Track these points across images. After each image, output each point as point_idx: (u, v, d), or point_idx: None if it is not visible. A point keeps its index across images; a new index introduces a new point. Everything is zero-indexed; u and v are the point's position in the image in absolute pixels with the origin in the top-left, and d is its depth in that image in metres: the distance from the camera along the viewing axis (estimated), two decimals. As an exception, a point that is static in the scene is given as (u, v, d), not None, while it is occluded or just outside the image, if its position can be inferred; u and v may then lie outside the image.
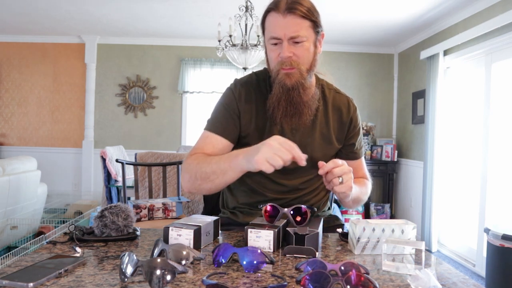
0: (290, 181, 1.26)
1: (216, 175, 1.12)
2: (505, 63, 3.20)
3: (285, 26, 1.12)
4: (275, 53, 1.16)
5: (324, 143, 1.27)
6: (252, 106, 1.25)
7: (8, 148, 5.27)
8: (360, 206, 1.37)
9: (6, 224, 3.19)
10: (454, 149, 3.97)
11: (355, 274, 0.71)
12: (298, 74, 1.15)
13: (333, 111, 1.29)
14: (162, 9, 4.04)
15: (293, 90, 1.16)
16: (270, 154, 0.96)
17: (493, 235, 2.35)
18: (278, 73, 1.16)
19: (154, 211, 1.89)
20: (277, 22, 1.13)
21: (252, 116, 1.24)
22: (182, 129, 5.30)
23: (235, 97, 1.25)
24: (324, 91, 1.30)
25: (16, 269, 0.78)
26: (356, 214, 4.83)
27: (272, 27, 1.15)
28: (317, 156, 1.24)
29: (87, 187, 5.17)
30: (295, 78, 1.15)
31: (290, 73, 1.15)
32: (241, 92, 1.25)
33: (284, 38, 1.13)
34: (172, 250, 0.85)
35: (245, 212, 1.29)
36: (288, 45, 1.13)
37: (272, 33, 1.14)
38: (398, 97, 5.27)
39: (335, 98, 1.30)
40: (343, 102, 1.31)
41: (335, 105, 1.29)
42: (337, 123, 1.29)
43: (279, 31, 1.13)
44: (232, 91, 1.26)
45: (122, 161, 2.54)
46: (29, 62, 5.26)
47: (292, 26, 1.12)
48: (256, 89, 1.27)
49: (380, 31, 4.55)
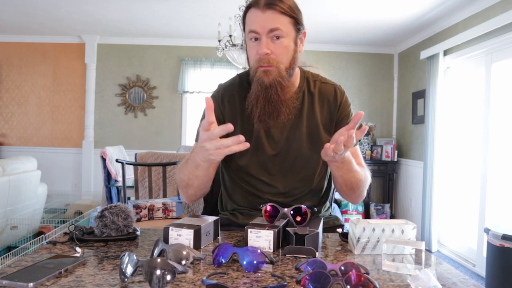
0: (284, 182, 1.24)
1: (192, 179, 1.17)
2: (505, 63, 3.20)
3: (264, 20, 1.11)
4: (253, 50, 1.15)
5: (311, 138, 1.24)
6: (236, 109, 1.25)
7: (8, 148, 5.27)
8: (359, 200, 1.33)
9: (6, 224, 3.19)
10: (454, 149, 3.97)
11: (355, 274, 0.71)
12: (276, 72, 1.14)
13: (320, 102, 1.26)
14: (162, 9, 4.04)
15: (271, 88, 1.14)
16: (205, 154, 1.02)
17: (493, 235, 2.35)
18: (256, 70, 1.15)
19: (154, 211, 1.89)
20: (256, 17, 1.13)
21: (237, 118, 1.24)
22: (182, 129, 5.30)
23: (218, 104, 1.25)
24: (309, 84, 1.28)
25: (16, 269, 0.78)
26: (356, 214, 4.83)
27: (251, 22, 1.14)
28: (305, 152, 1.23)
29: (87, 187, 5.17)
30: (273, 76, 1.13)
31: (268, 71, 1.13)
32: (224, 97, 1.26)
33: (262, 32, 1.12)
34: (172, 250, 0.85)
35: (245, 214, 1.28)
36: (267, 41, 1.12)
37: (251, 27, 1.14)
38: (398, 97, 5.27)
39: (321, 89, 1.28)
40: (330, 91, 1.28)
41: (321, 97, 1.27)
42: (325, 114, 1.26)
43: (258, 25, 1.12)
44: (215, 98, 1.27)
45: (122, 161, 2.54)
46: (29, 62, 5.26)
47: (271, 20, 1.11)
48: (239, 90, 1.26)
49: (380, 31, 4.55)
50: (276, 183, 1.24)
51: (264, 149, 1.24)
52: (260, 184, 1.25)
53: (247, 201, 1.29)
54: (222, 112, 1.26)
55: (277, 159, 1.24)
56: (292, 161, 1.24)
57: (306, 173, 1.26)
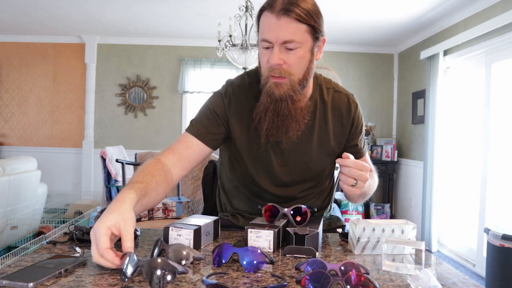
0: (287, 192, 1.23)
1: None
2: (505, 63, 3.20)
3: (278, 30, 1.01)
4: (265, 57, 1.06)
5: (322, 150, 1.20)
6: (244, 114, 1.17)
7: (8, 148, 5.27)
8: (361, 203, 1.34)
9: (6, 224, 3.19)
10: (454, 149, 3.97)
11: (355, 274, 0.71)
12: (288, 85, 1.05)
13: (332, 113, 1.20)
14: (162, 9, 4.04)
15: (281, 102, 1.07)
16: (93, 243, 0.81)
17: (493, 235, 2.35)
18: (267, 80, 1.07)
19: (154, 211, 1.89)
20: (270, 23, 1.02)
21: (243, 123, 1.17)
22: (182, 129, 5.29)
23: (225, 105, 1.17)
24: (322, 92, 1.20)
25: (16, 269, 0.78)
26: (356, 214, 4.83)
27: (264, 29, 1.04)
28: (315, 165, 1.21)
29: (87, 187, 5.17)
30: (284, 90, 1.05)
31: (280, 83, 1.05)
32: (232, 99, 1.17)
33: (275, 42, 1.02)
34: (172, 250, 0.85)
35: (246, 217, 1.27)
36: (279, 51, 1.02)
37: (264, 35, 1.04)
38: (398, 97, 5.27)
39: (334, 98, 1.21)
40: (343, 101, 1.21)
41: (334, 107, 1.20)
42: (337, 126, 1.21)
43: (271, 35, 1.02)
44: (222, 98, 1.18)
45: (122, 161, 2.54)
46: (29, 62, 5.26)
47: (286, 30, 1.00)
48: (248, 94, 1.18)
49: (380, 31, 4.55)
50: (279, 193, 1.23)
51: (271, 160, 1.19)
52: (262, 192, 1.23)
53: (247, 205, 1.27)
54: (228, 114, 1.18)
55: (284, 171, 1.20)
56: (300, 173, 1.21)
57: (312, 184, 1.25)
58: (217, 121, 1.17)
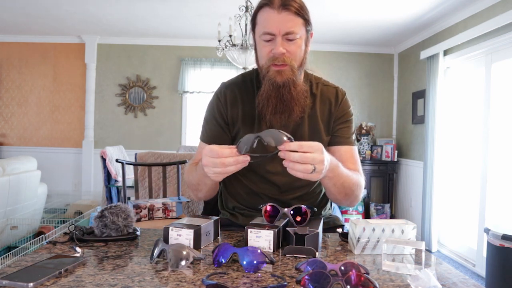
0: (284, 180, 1.24)
1: (201, 185, 1.19)
2: (505, 63, 3.20)
3: (280, 22, 1.11)
4: (267, 48, 1.15)
5: (313, 138, 1.23)
6: (239, 107, 1.25)
7: (8, 148, 5.27)
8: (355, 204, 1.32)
9: (6, 224, 3.19)
10: (454, 149, 3.97)
11: (355, 274, 0.71)
12: (290, 71, 1.14)
13: (321, 104, 1.27)
14: (162, 9, 4.04)
15: (284, 88, 1.15)
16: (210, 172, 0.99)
17: (493, 235, 2.35)
18: (268, 69, 1.16)
19: (154, 211, 1.89)
20: (271, 17, 1.12)
21: (239, 117, 1.25)
22: (182, 129, 5.30)
23: (221, 102, 1.27)
24: (312, 86, 1.29)
25: (16, 269, 0.78)
26: (356, 214, 4.83)
27: (266, 23, 1.13)
28: None
29: (87, 187, 5.17)
30: (286, 75, 1.14)
31: (282, 70, 1.14)
32: (227, 95, 1.27)
33: (278, 34, 1.12)
34: (172, 250, 0.85)
35: (246, 215, 1.28)
36: (282, 41, 1.12)
37: (266, 29, 1.13)
38: (398, 97, 5.27)
39: (323, 91, 1.29)
40: (332, 92, 1.29)
41: (323, 98, 1.28)
42: (326, 114, 1.27)
43: (274, 27, 1.11)
44: (218, 97, 1.28)
45: (122, 161, 2.54)
46: (29, 62, 5.26)
47: (287, 22, 1.11)
48: (242, 88, 1.27)
49: (380, 31, 4.55)
50: (277, 181, 1.24)
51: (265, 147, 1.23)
52: (261, 181, 1.25)
53: (246, 198, 1.29)
54: (225, 110, 1.26)
55: (278, 158, 1.23)
56: None
57: None
58: (219, 122, 1.26)
